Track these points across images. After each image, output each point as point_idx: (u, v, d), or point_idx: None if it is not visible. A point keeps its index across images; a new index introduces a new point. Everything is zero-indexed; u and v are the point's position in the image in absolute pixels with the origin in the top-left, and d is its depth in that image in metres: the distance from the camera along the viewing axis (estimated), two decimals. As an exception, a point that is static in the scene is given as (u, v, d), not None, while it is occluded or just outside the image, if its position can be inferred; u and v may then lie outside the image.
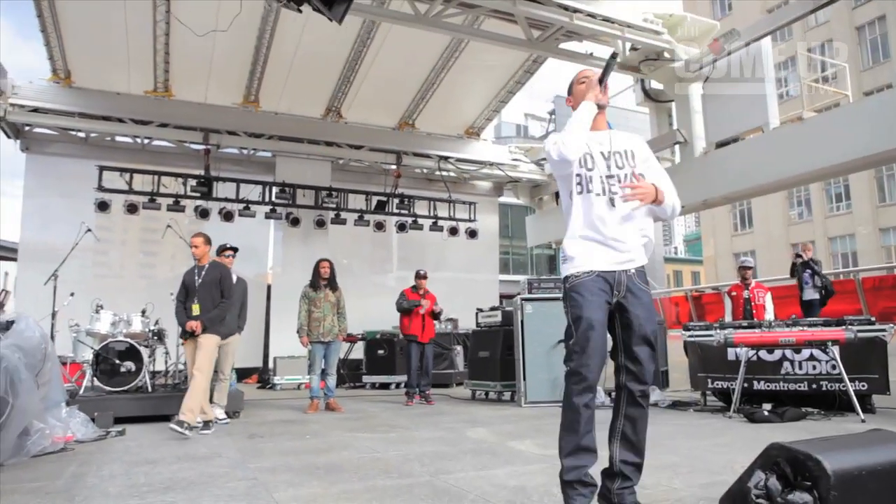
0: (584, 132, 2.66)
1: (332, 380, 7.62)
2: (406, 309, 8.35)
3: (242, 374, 12.19)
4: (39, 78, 10.48)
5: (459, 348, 11.52)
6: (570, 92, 2.88)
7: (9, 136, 10.65)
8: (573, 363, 2.57)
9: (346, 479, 3.60)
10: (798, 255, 9.69)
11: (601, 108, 2.73)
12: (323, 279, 7.65)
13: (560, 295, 2.77)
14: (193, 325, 5.75)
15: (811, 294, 9.30)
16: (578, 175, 2.70)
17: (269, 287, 12.71)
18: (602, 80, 2.73)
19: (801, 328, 6.31)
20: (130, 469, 4.01)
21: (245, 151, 12.41)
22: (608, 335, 2.67)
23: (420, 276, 8.56)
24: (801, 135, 8.81)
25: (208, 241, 6.11)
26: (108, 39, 9.99)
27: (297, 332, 7.56)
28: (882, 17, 26.33)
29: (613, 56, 2.81)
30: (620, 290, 2.63)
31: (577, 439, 2.56)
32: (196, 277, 5.96)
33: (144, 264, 12.81)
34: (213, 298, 5.89)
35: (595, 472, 2.64)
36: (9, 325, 4.37)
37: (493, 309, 8.98)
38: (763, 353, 6.52)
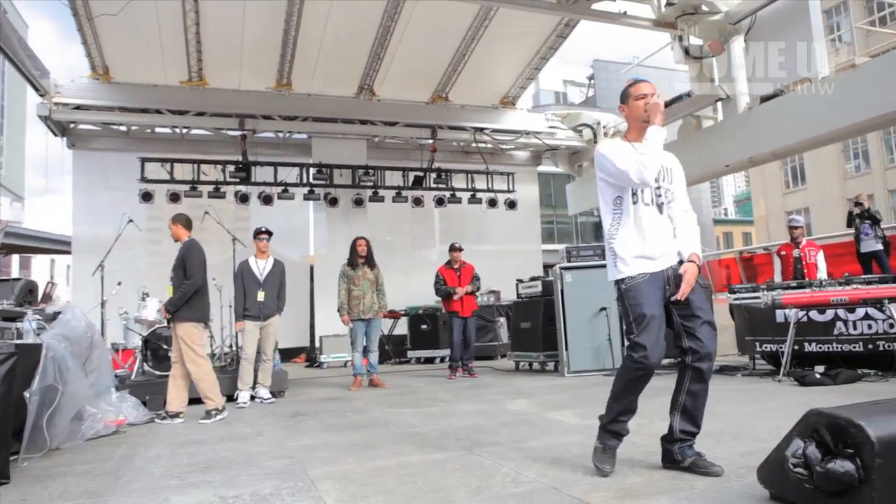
0: (659, 158, 2.92)
1: (374, 356, 7.68)
2: (443, 295, 8.36)
3: (291, 353, 12.48)
4: (80, 76, 10.75)
5: (503, 320, 11.49)
6: (623, 100, 3.10)
7: (55, 134, 11.01)
8: (636, 353, 2.85)
9: (380, 456, 3.62)
10: (858, 204, 9.23)
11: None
12: (360, 257, 7.68)
13: (600, 262, 3.10)
14: (163, 312, 5.63)
15: (872, 245, 8.86)
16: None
17: (311, 267, 12.89)
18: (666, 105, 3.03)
19: (854, 286, 6.03)
20: (176, 450, 4.13)
21: (280, 135, 12.52)
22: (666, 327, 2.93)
23: (454, 249, 8.51)
24: (854, 82, 8.31)
25: (176, 220, 5.83)
26: (142, 33, 10.14)
27: (338, 310, 7.65)
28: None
29: (689, 94, 3.01)
30: (671, 284, 2.92)
31: (625, 403, 3.00)
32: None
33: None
34: (179, 281, 5.59)
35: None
36: (55, 315, 4.53)
37: (533, 279, 8.89)
38: (814, 314, 6.26)
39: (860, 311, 6.06)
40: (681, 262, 2.96)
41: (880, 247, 8.91)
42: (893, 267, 8.74)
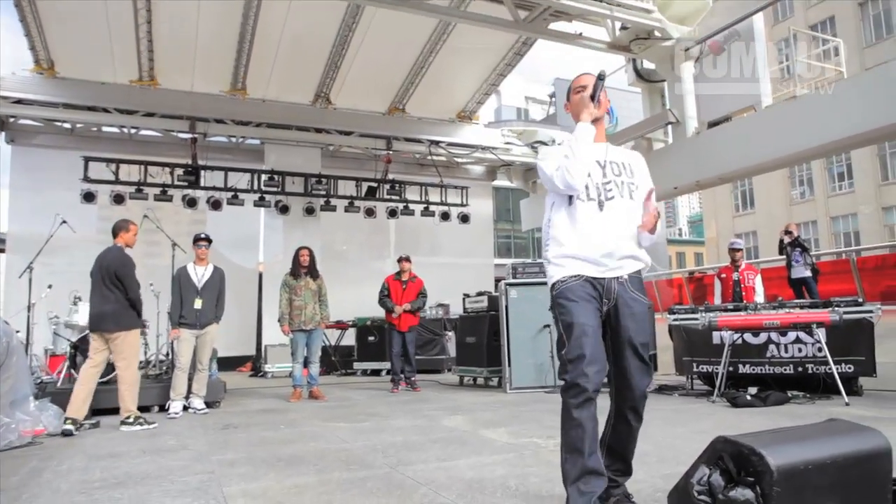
0: (586, 155, 2.54)
1: (314, 367, 7.54)
2: (384, 307, 8.33)
3: (236, 362, 12.22)
4: (22, 69, 10.38)
5: (451, 334, 11.44)
6: (568, 98, 2.77)
7: (-7, 128, 10.58)
8: (569, 375, 2.37)
9: (302, 472, 3.52)
10: (788, 233, 9.55)
11: (597, 120, 2.62)
12: (303, 267, 7.57)
13: (545, 279, 2.64)
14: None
15: (802, 272, 9.17)
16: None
17: (260, 275, 12.66)
18: (593, 97, 2.59)
19: (786, 311, 6.20)
20: (90, 464, 3.95)
21: (233, 139, 12.31)
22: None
23: (402, 260, 8.46)
24: (794, 112, 8.60)
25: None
26: (90, 28, 9.86)
27: (279, 320, 7.53)
28: (886, -9, 25.83)
29: (601, 76, 2.67)
30: (611, 299, 2.49)
31: (582, 461, 2.34)
32: None
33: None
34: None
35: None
36: (-31, 320, 4.31)
37: (479, 294, 8.89)
38: (748, 336, 6.42)
39: (791, 335, 6.25)
40: (636, 273, 2.58)
41: (809, 273, 9.24)
42: (821, 292, 9.03)
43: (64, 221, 7.18)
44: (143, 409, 6.08)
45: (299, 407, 6.80)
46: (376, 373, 10.85)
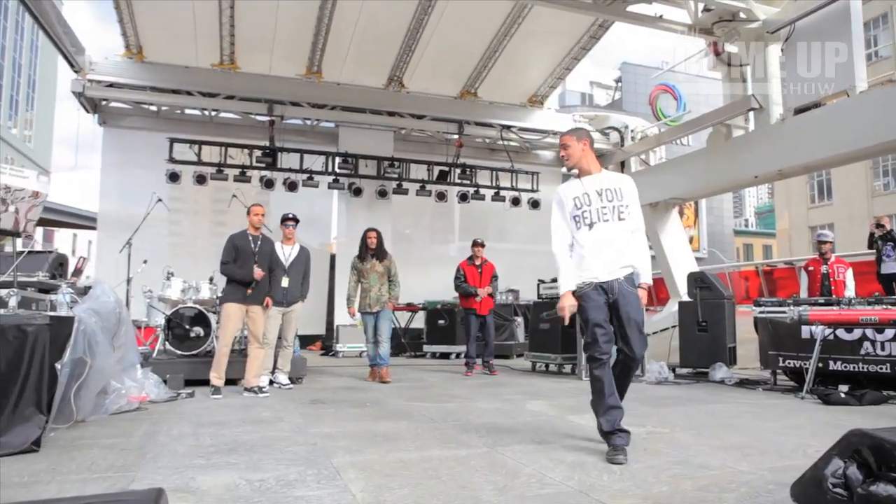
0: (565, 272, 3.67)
1: (384, 348, 7.44)
2: (463, 292, 8.34)
3: (307, 341, 12.54)
4: (114, 54, 10.85)
5: (520, 319, 11.46)
6: (580, 137, 3.77)
7: (87, 111, 11.13)
8: (588, 351, 3.59)
9: (403, 448, 3.62)
10: (879, 226, 9.10)
11: (581, 171, 3.75)
12: (370, 249, 7.54)
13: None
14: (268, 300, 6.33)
15: (893, 267, 8.74)
16: (576, 216, 3.64)
17: (332, 256, 12.94)
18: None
19: (884, 306, 5.93)
20: (198, 430, 4.16)
21: (308, 122, 12.56)
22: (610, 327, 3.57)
23: (476, 245, 8.48)
24: (892, 98, 8.16)
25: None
26: (177, 14, 10.24)
27: (347, 301, 7.61)
28: None
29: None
30: (613, 294, 3.54)
31: (605, 400, 3.50)
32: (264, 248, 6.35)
33: (213, 233, 13.21)
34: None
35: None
36: (86, 290, 4.58)
37: (554, 280, 8.82)
38: (841, 332, 6.15)
39: (889, 332, 5.95)
40: (629, 275, 3.58)
41: None
42: None
43: (160, 200, 7.51)
44: (229, 381, 6.37)
45: (378, 386, 6.95)
46: (445, 356, 10.96)
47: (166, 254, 10.59)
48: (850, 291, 7.33)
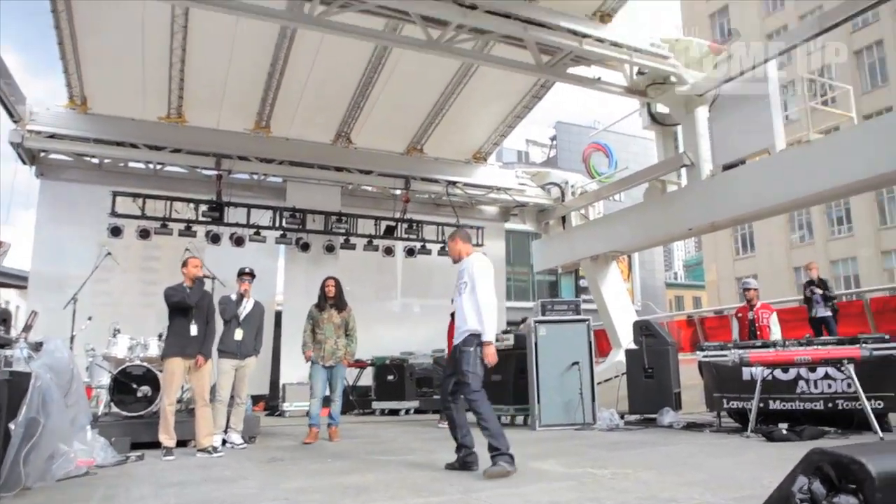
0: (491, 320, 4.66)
1: (336, 406, 7.16)
2: None
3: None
4: (56, 104, 10.61)
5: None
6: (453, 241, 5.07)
7: (24, 163, 10.75)
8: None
9: (378, 499, 3.60)
10: (809, 273, 9.79)
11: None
12: (329, 298, 7.29)
13: (574, 317, 4.73)
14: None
15: (823, 311, 9.35)
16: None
17: (278, 313, 12.71)
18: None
19: (815, 347, 6.34)
20: (159, 490, 4.01)
21: (256, 177, 12.51)
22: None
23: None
24: (807, 157, 8.88)
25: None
26: (125, 67, 10.15)
27: (302, 347, 7.27)
28: (880, 41, 26.75)
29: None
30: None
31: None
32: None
33: (147, 288, 12.67)
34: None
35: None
36: (38, 345, 4.40)
37: (505, 332, 9.01)
38: (778, 373, 6.53)
39: (821, 371, 6.37)
40: (462, 333, 4.68)
41: (830, 313, 9.43)
42: (840, 333, 9.20)
43: (109, 253, 7.32)
44: (181, 443, 6.15)
45: (335, 444, 6.79)
46: (395, 412, 10.85)
47: (101, 312, 10.16)
48: (775, 335, 7.75)
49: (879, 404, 6.11)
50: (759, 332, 7.92)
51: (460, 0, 8.38)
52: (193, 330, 5.90)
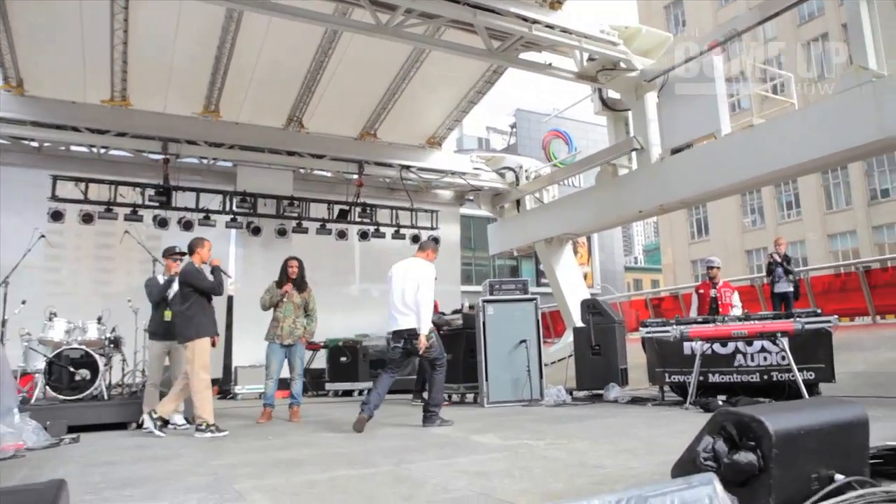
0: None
1: (297, 385, 7.16)
2: None
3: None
4: (-11, 87, 10.19)
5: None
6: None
7: (-44, 147, 10.33)
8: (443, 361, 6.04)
9: (308, 472, 3.59)
10: (776, 254, 10.04)
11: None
12: (290, 279, 7.24)
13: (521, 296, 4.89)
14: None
15: (784, 287, 9.65)
16: None
17: (229, 298, 12.52)
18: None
19: (752, 322, 6.53)
20: (86, 470, 3.93)
21: (205, 161, 12.25)
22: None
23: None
24: (751, 140, 9.10)
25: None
26: (63, 47, 9.79)
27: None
28: (825, 34, 27.57)
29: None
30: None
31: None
32: None
33: (99, 273, 12.39)
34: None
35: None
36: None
37: (454, 312, 9.04)
38: (717, 347, 6.73)
39: (757, 345, 6.58)
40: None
41: (790, 289, 9.74)
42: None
43: (43, 236, 7.09)
44: (119, 426, 6.06)
45: (280, 423, 6.76)
46: (348, 393, 10.83)
47: (45, 298, 9.86)
48: (737, 311, 7.93)
49: (811, 375, 6.34)
50: (721, 309, 8.07)
51: (408, -16, 8.32)
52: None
